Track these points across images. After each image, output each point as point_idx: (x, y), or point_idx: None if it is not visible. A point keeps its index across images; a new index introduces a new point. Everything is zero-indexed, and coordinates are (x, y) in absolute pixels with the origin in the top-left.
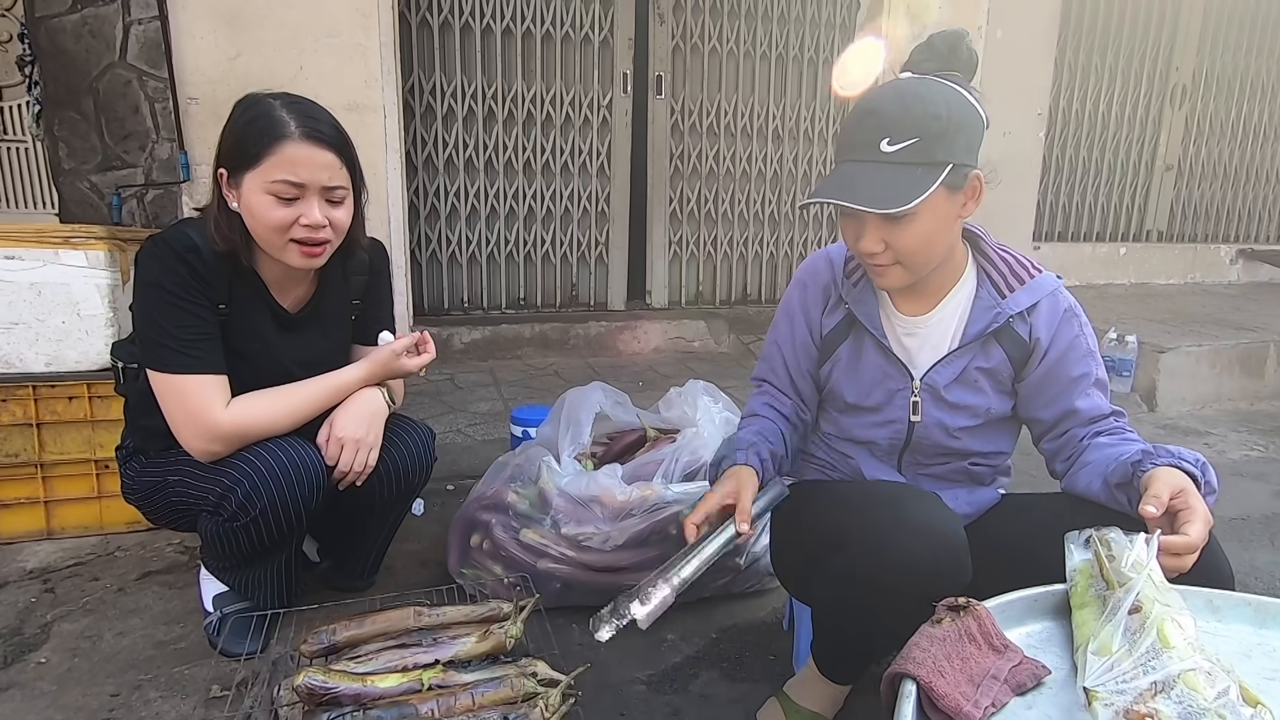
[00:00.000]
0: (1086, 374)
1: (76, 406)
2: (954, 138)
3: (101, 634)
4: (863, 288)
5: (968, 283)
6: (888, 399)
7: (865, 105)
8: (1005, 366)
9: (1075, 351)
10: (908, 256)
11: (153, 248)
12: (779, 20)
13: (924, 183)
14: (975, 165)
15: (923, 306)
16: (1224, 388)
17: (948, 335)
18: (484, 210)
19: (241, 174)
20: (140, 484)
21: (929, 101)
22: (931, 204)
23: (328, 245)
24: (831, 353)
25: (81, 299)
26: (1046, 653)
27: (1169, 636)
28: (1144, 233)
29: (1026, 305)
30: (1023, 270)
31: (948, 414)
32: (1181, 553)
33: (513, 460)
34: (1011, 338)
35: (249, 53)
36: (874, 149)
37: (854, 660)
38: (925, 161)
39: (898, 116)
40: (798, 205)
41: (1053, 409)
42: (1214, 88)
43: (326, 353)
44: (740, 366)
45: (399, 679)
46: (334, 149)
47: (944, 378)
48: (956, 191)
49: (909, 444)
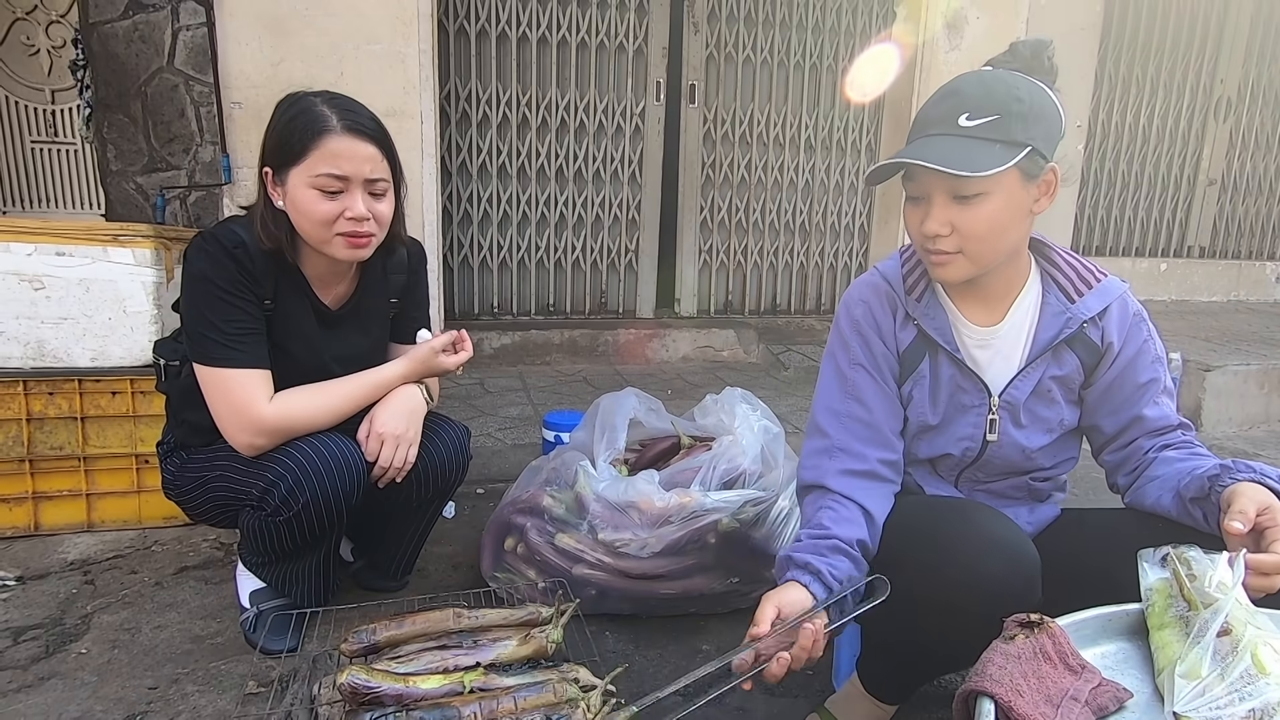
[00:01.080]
0: (1155, 380)
1: (120, 401)
2: (1034, 122)
3: (140, 627)
4: (928, 302)
5: (1033, 288)
6: (961, 415)
7: (945, 88)
8: (1077, 374)
9: (1145, 357)
10: (973, 243)
11: (202, 243)
12: (813, 30)
13: (1001, 158)
14: (1052, 159)
15: (992, 315)
16: (1273, 408)
17: (1019, 345)
18: (516, 216)
19: (286, 170)
20: (182, 479)
21: (1011, 85)
22: (1005, 184)
23: (372, 238)
24: (913, 370)
25: (128, 296)
26: (1124, 675)
27: (1264, 662)
28: (1185, 248)
29: (1098, 310)
30: (1089, 274)
31: (1024, 433)
32: (1271, 573)
33: (548, 464)
34: (1085, 343)
35: (291, 59)
36: (952, 124)
37: (904, 680)
38: (1004, 139)
39: (979, 95)
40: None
41: (1118, 417)
42: (1260, 100)
43: (365, 350)
44: (769, 377)
45: (440, 680)
46: (375, 141)
47: (1022, 393)
48: (1031, 181)
49: (977, 462)
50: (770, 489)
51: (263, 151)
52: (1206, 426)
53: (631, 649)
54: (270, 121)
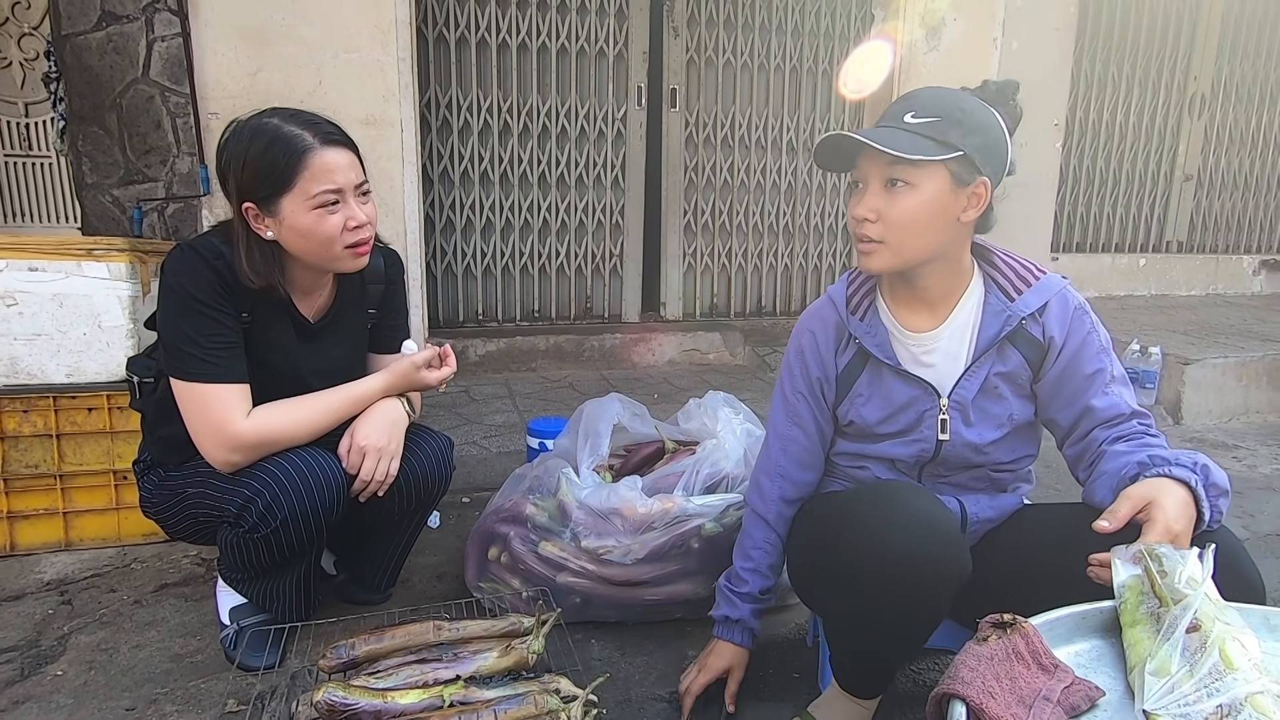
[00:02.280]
0: (1101, 370)
1: (96, 418)
2: (971, 132)
3: (118, 646)
4: (869, 320)
5: (976, 291)
6: (917, 420)
7: (902, 97)
8: (1023, 369)
9: (1089, 348)
10: (895, 231)
11: (180, 255)
12: (792, 33)
13: (929, 151)
14: (984, 175)
15: (932, 321)
16: (1252, 400)
17: (963, 346)
18: (499, 223)
19: (276, 201)
20: (159, 497)
21: (960, 98)
22: (932, 181)
23: (370, 242)
24: (849, 390)
25: (103, 310)
26: (1098, 673)
27: (1232, 657)
28: (1164, 243)
29: (1036, 306)
30: (1028, 273)
31: (975, 430)
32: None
33: (531, 472)
34: (1026, 339)
35: (269, 68)
36: (898, 119)
37: (871, 669)
38: (938, 138)
39: (927, 100)
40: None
41: (1070, 410)
42: (1233, 96)
43: (344, 362)
44: (755, 379)
45: (420, 695)
46: (349, 147)
47: (969, 391)
48: (961, 187)
49: (934, 459)
50: None
51: (238, 189)
52: (1187, 419)
53: (617, 656)
54: (231, 157)
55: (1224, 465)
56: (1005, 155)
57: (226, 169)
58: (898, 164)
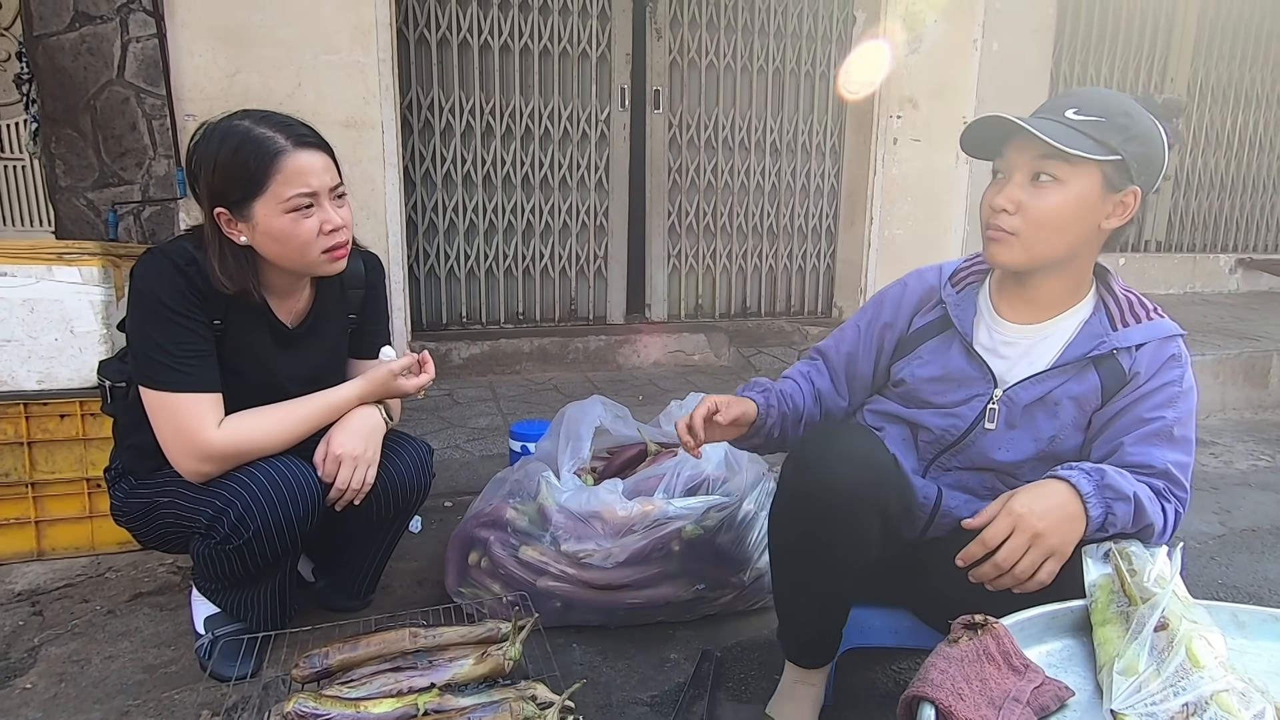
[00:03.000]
0: (1159, 419)
1: (69, 425)
2: (1133, 140)
3: (90, 658)
4: (966, 294)
5: (1084, 309)
6: (963, 400)
7: (1067, 93)
8: (1095, 395)
9: (1160, 395)
10: (1032, 229)
11: (150, 260)
12: (775, 35)
13: (1091, 150)
14: (1136, 185)
15: (1032, 318)
16: (1229, 397)
17: (1046, 354)
18: (482, 225)
19: (248, 205)
20: (130, 506)
21: (1125, 103)
22: (1083, 180)
23: (348, 245)
24: (913, 349)
25: (75, 316)
26: (1068, 672)
27: (1198, 655)
28: (1143, 243)
29: (1136, 341)
30: (1143, 310)
31: (1012, 434)
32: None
33: (511, 476)
34: (1112, 367)
35: (247, 70)
36: (1059, 113)
37: (811, 630)
38: (1099, 139)
39: (1092, 98)
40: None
41: (1107, 445)
42: (1209, 98)
43: (322, 369)
44: (741, 380)
45: (393, 704)
46: (323, 149)
47: (1028, 395)
48: (1110, 193)
49: (956, 445)
50: (734, 494)
51: (209, 193)
52: None
53: (599, 660)
54: (201, 160)
55: (1201, 462)
56: (1160, 168)
57: (197, 172)
58: (1050, 158)
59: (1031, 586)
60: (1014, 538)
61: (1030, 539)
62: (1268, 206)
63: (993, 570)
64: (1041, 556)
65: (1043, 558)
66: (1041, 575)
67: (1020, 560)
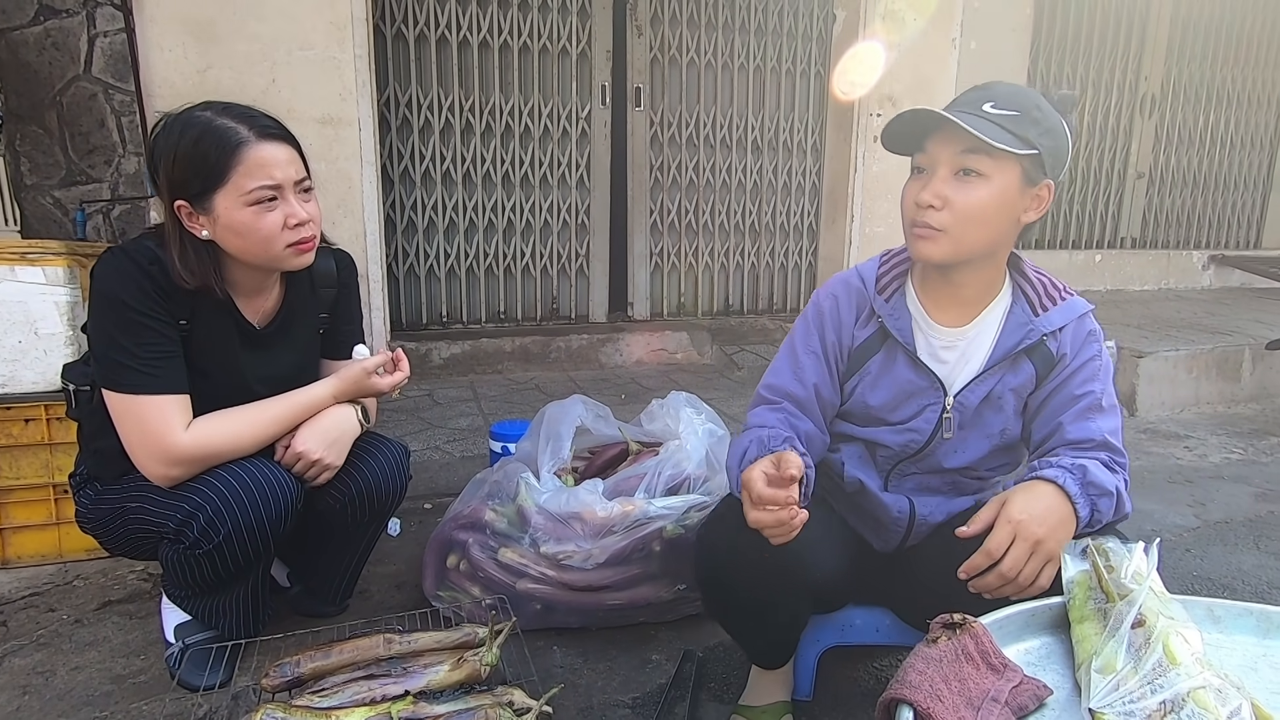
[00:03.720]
0: (1089, 394)
1: (34, 429)
2: (1046, 133)
3: (55, 669)
4: (896, 302)
5: (1005, 299)
6: (916, 412)
7: (977, 86)
8: (1031, 382)
9: (1085, 371)
10: (960, 222)
11: (111, 259)
12: (756, 33)
13: (1012, 144)
14: (1049, 179)
15: (961, 318)
16: (1202, 391)
17: (981, 350)
18: (463, 224)
19: (209, 197)
20: (96, 512)
21: (1035, 97)
22: (1005, 175)
23: (315, 240)
24: (860, 366)
25: (39, 317)
26: (1047, 670)
27: (1175, 652)
28: (1118, 239)
29: (1059, 325)
30: (1056, 292)
31: (966, 435)
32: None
33: (490, 477)
34: (1042, 353)
35: (219, 66)
36: (976, 107)
37: (764, 649)
38: (1019, 133)
39: (1007, 92)
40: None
41: (1046, 426)
42: (1181, 97)
43: (293, 369)
44: (723, 378)
45: (366, 712)
46: (289, 142)
47: (976, 396)
48: (1028, 187)
49: (917, 454)
50: (715, 493)
51: (169, 185)
52: (1141, 411)
53: (580, 662)
54: (162, 152)
55: (1176, 455)
56: (1066, 164)
57: (157, 164)
58: (973, 152)
59: (1032, 592)
60: (1016, 546)
61: (1032, 546)
62: (1239, 204)
63: (997, 580)
64: (1042, 562)
65: (1043, 563)
66: (1041, 581)
67: (1024, 568)
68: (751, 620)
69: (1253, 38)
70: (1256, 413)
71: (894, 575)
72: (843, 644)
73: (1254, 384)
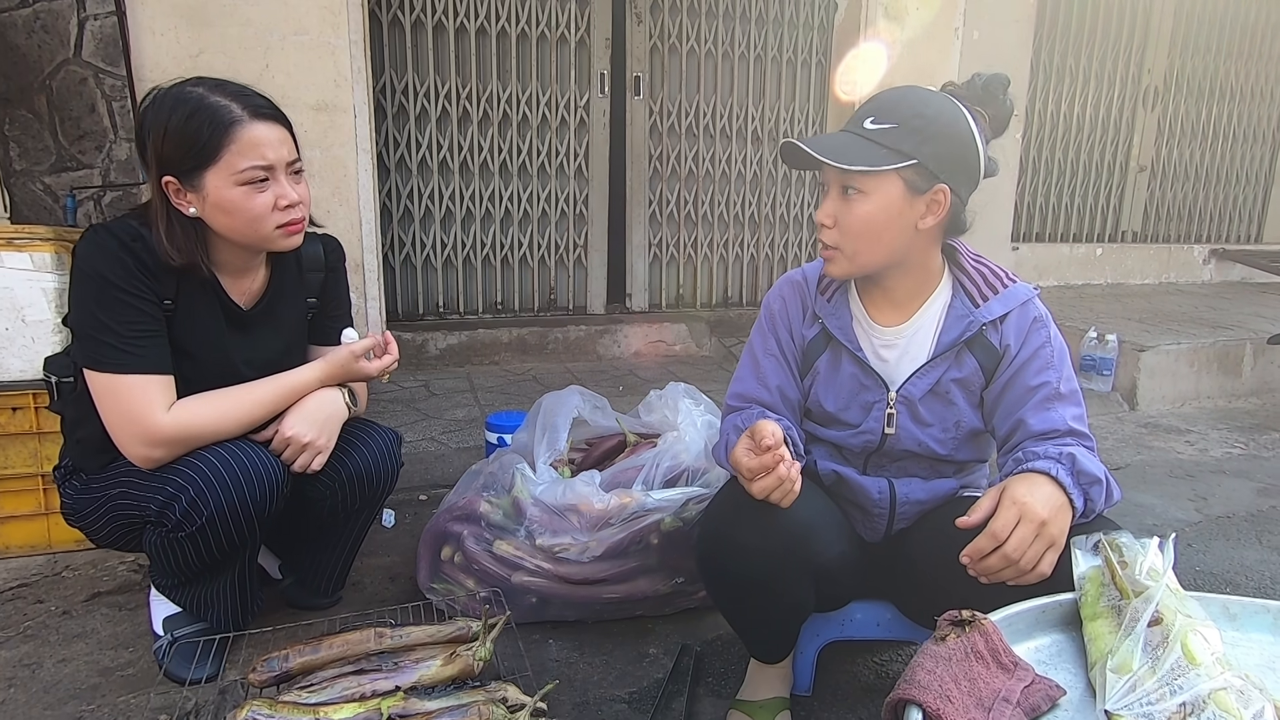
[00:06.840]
0: (1045, 384)
1: (21, 418)
2: (929, 140)
3: (42, 661)
4: (836, 301)
5: (943, 294)
6: (865, 412)
7: (871, 97)
8: (977, 376)
9: (1037, 361)
10: (849, 239)
11: (94, 237)
12: (757, 21)
13: (879, 160)
14: (944, 181)
15: (899, 316)
16: (1203, 385)
17: (925, 346)
18: (459, 213)
19: (199, 175)
20: (81, 503)
21: (921, 103)
22: (885, 189)
23: (304, 222)
24: (811, 365)
25: (26, 304)
26: (1058, 669)
27: (1194, 652)
28: (1119, 233)
29: (999, 314)
30: (996, 280)
31: (920, 428)
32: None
33: (486, 468)
34: (984, 346)
35: (212, 50)
36: (858, 124)
37: (765, 642)
38: (892, 146)
39: (889, 104)
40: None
41: (1008, 420)
42: (1184, 90)
43: (280, 353)
44: (722, 370)
45: (355, 709)
46: (281, 122)
47: (919, 389)
48: (917, 196)
49: (879, 450)
50: (714, 485)
51: (157, 160)
52: (1142, 405)
53: (576, 656)
54: (151, 126)
55: (1177, 450)
56: (972, 159)
57: (145, 139)
58: (850, 172)
59: (1033, 578)
60: (1021, 527)
61: (1037, 527)
62: (1240, 198)
63: (1000, 562)
64: (1045, 546)
65: (1045, 547)
66: (1043, 566)
67: (1028, 550)
68: (756, 603)
69: (1256, 31)
70: (1257, 407)
71: (892, 567)
72: (843, 639)
73: (1255, 378)
